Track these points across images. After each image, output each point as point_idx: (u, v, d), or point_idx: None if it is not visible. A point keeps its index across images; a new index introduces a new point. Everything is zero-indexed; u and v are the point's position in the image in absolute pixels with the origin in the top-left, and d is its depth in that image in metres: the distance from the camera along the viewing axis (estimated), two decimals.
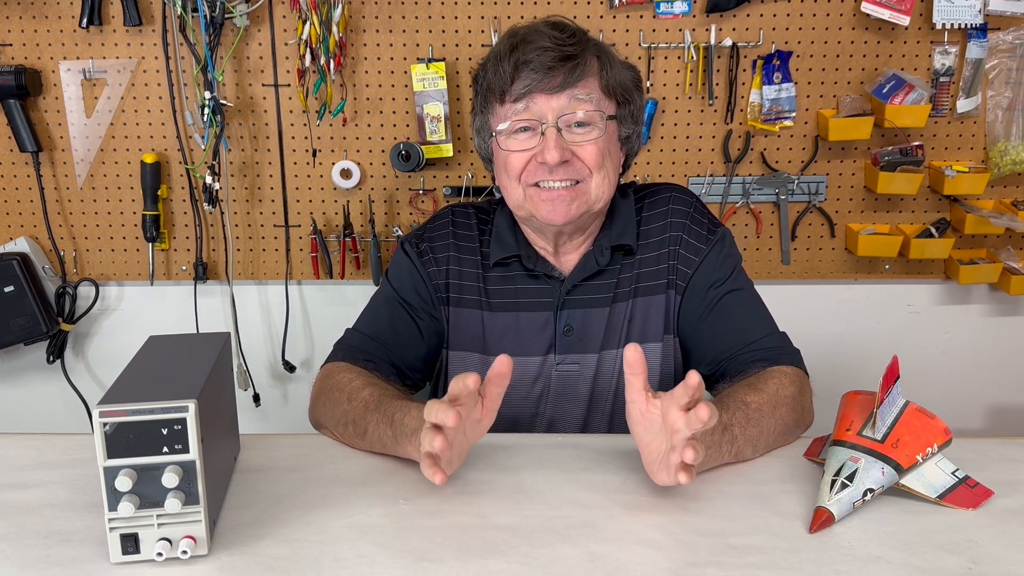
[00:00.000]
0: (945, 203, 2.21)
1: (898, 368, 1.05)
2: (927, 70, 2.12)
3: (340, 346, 1.38)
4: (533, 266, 1.38)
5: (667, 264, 1.38)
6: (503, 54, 1.28)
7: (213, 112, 2.08)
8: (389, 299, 1.42)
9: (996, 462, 1.13)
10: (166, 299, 2.29)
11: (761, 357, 1.29)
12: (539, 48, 1.25)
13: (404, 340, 1.39)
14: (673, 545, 0.94)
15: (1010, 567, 0.91)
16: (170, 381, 0.93)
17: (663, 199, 1.41)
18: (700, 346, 1.37)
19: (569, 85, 1.26)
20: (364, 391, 1.21)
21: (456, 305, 1.41)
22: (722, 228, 1.40)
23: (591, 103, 1.28)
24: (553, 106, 1.26)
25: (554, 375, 1.39)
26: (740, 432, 1.11)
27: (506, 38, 1.30)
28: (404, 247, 1.44)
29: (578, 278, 1.38)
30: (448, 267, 1.41)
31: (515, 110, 1.28)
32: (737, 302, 1.36)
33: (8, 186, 2.22)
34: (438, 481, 0.97)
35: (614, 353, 1.38)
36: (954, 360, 2.32)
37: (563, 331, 1.38)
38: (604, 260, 1.37)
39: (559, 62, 1.25)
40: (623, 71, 1.33)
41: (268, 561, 0.92)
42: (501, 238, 1.40)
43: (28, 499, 1.04)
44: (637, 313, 1.38)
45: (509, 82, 1.27)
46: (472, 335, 1.40)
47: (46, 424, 2.34)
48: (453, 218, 1.45)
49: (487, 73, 1.31)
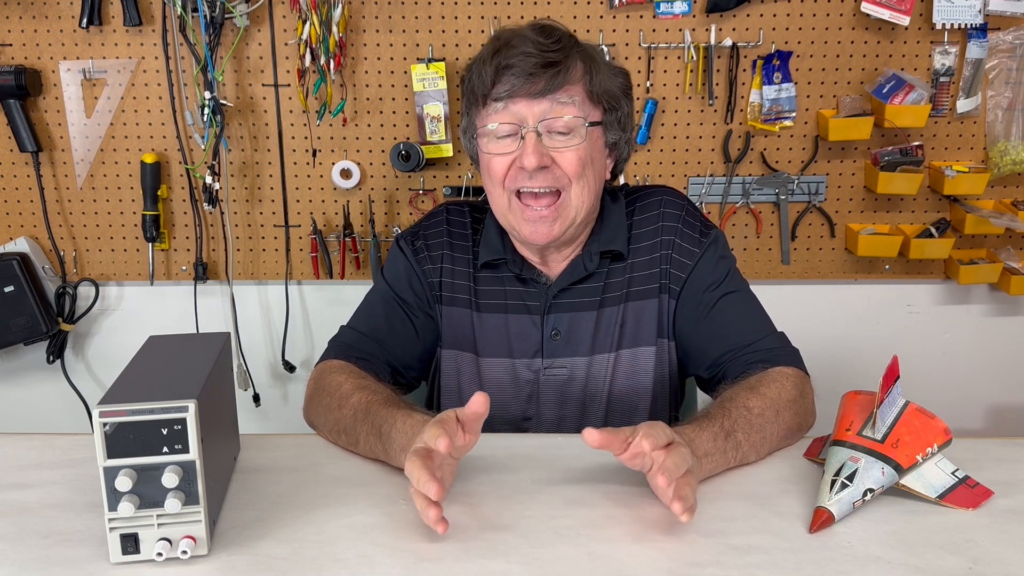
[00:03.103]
0: (945, 203, 2.21)
1: (898, 368, 1.05)
2: (927, 70, 2.12)
3: (334, 344, 1.37)
4: (519, 271, 1.38)
5: (659, 268, 1.37)
6: (486, 57, 1.27)
7: (213, 112, 2.08)
8: (385, 296, 1.41)
9: (996, 462, 1.13)
10: (166, 299, 2.29)
11: (760, 358, 1.29)
12: (522, 53, 1.24)
13: (399, 338, 1.38)
14: (673, 545, 0.94)
15: (1010, 567, 0.91)
16: (170, 381, 0.93)
17: (654, 203, 1.40)
18: (698, 350, 1.36)
19: (551, 91, 1.25)
20: (353, 397, 1.20)
21: (449, 304, 1.41)
22: (715, 230, 1.39)
23: (574, 107, 1.26)
24: (534, 111, 1.25)
25: (542, 378, 1.39)
26: (744, 438, 1.11)
27: (491, 41, 1.29)
28: (400, 244, 1.44)
29: (565, 283, 1.37)
30: (442, 265, 1.41)
31: (495, 111, 1.27)
32: (733, 304, 1.35)
33: (8, 186, 2.22)
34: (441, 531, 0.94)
35: (605, 357, 1.38)
36: (954, 360, 2.32)
37: (550, 335, 1.38)
38: (592, 265, 1.36)
39: (541, 68, 1.24)
40: (610, 77, 1.31)
41: (268, 561, 0.92)
42: (489, 241, 1.40)
43: (28, 499, 1.04)
44: (629, 317, 1.38)
45: (490, 86, 1.26)
46: (463, 335, 1.40)
47: (46, 424, 2.34)
48: (448, 216, 1.44)
49: (471, 75, 1.30)
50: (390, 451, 1.10)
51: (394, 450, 1.09)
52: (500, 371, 1.39)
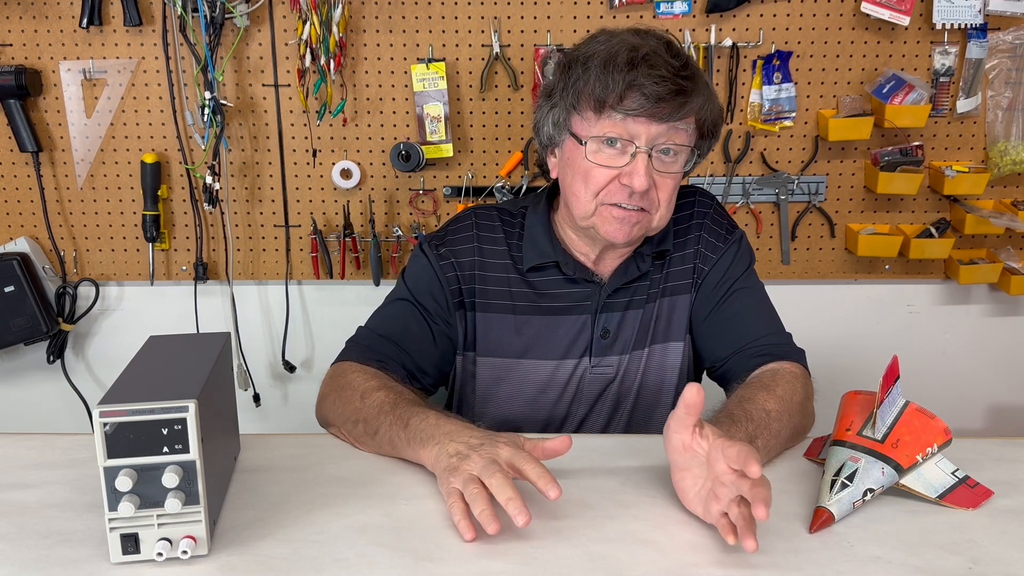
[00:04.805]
0: (945, 203, 2.21)
1: (898, 368, 1.05)
2: (927, 70, 2.12)
3: (352, 345, 1.36)
4: (572, 272, 1.37)
5: (692, 264, 1.40)
6: (618, 66, 1.21)
7: (213, 112, 2.08)
8: (404, 299, 1.39)
9: (996, 462, 1.13)
10: (166, 299, 2.29)
11: (766, 352, 1.31)
12: (657, 76, 1.20)
13: (417, 343, 1.36)
14: (673, 545, 0.94)
15: (1010, 567, 0.91)
16: (170, 381, 0.93)
17: (687, 202, 1.42)
18: (708, 341, 1.39)
19: (673, 119, 1.23)
20: (379, 393, 1.20)
21: (483, 310, 1.39)
22: (739, 230, 1.42)
23: (686, 135, 1.26)
24: (651, 132, 1.23)
25: (587, 377, 1.39)
26: (762, 444, 1.10)
27: (622, 48, 1.23)
28: (423, 247, 1.41)
29: (619, 282, 1.37)
30: (474, 272, 1.39)
31: (612, 122, 1.24)
32: (745, 299, 1.38)
33: (8, 186, 2.22)
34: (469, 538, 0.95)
35: (640, 353, 1.39)
36: (954, 360, 2.32)
37: (600, 334, 1.38)
38: (646, 266, 1.38)
39: (672, 95, 1.21)
40: (716, 105, 1.30)
41: (268, 561, 0.92)
42: (536, 243, 1.38)
43: (28, 499, 1.04)
44: (663, 313, 1.40)
45: (618, 99, 1.22)
46: (503, 340, 1.39)
47: (46, 424, 2.34)
48: (476, 220, 1.41)
49: (589, 74, 1.24)
50: (413, 441, 1.09)
51: (419, 439, 1.08)
52: (544, 373, 1.39)
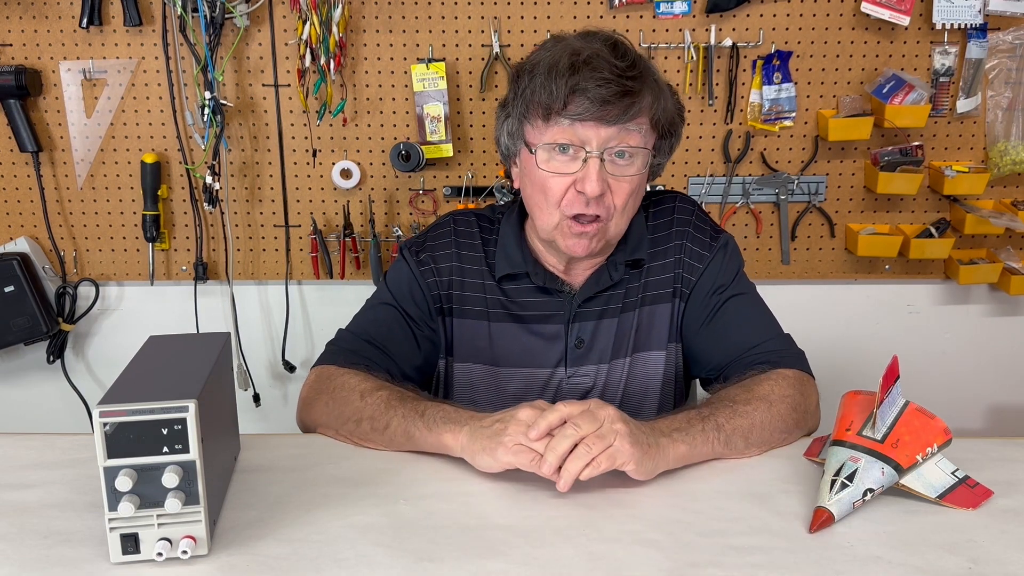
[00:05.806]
0: (945, 203, 2.21)
1: (898, 368, 1.05)
2: (927, 70, 2.12)
3: (335, 349, 1.35)
4: (542, 282, 1.36)
5: (673, 273, 1.38)
6: (560, 72, 1.20)
7: (213, 112, 2.08)
8: (386, 304, 1.39)
9: (996, 462, 1.13)
10: (166, 299, 2.29)
11: (763, 360, 1.29)
12: (599, 79, 1.18)
13: (400, 346, 1.36)
14: (673, 545, 0.94)
15: (1010, 567, 0.91)
16: (170, 381, 0.93)
17: (667, 209, 1.41)
18: (703, 352, 1.37)
19: (622, 120, 1.21)
20: (381, 391, 1.20)
21: (460, 316, 1.39)
22: (725, 234, 1.40)
23: (639, 136, 1.24)
24: (601, 135, 1.21)
25: (564, 387, 1.38)
26: (726, 421, 1.13)
27: (564, 53, 1.22)
28: (404, 253, 1.41)
29: (590, 292, 1.36)
30: (451, 277, 1.39)
31: (560, 128, 1.23)
32: (739, 307, 1.36)
33: (8, 186, 2.22)
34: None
35: (621, 362, 1.38)
36: (954, 360, 2.32)
37: (574, 344, 1.37)
38: (618, 275, 1.36)
39: (617, 97, 1.19)
40: (671, 103, 1.28)
41: (268, 561, 0.92)
42: (507, 253, 1.38)
43: (28, 499, 1.04)
44: (643, 322, 1.38)
45: (562, 105, 1.21)
46: (477, 347, 1.39)
47: (46, 424, 2.34)
48: (455, 227, 1.41)
49: (535, 83, 1.23)
50: (434, 426, 1.12)
51: (440, 427, 1.11)
52: (520, 381, 1.39)
